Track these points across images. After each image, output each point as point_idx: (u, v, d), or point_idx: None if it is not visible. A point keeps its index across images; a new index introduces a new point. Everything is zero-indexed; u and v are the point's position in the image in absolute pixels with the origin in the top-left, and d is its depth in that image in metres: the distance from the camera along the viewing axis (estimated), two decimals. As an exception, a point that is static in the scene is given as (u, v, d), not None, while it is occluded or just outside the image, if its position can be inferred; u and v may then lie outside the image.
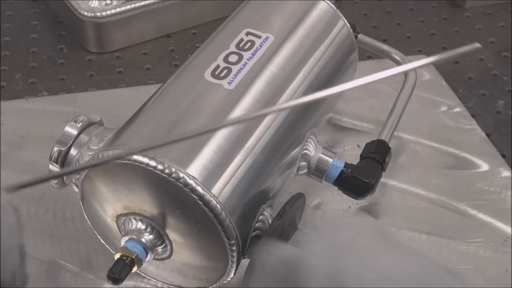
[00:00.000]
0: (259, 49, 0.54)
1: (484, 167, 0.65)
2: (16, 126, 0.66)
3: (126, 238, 0.47)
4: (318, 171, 0.54)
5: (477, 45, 0.31)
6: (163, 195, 0.45)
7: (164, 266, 0.50)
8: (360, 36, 0.66)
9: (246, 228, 0.47)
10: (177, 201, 0.45)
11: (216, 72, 0.51)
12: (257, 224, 0.48)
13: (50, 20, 0.86)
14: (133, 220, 0.47)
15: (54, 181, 0.51)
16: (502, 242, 0.58)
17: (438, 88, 0.74)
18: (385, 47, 0.68)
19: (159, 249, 0.47)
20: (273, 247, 0.36)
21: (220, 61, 0.52)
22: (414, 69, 0.66)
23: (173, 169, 0.44)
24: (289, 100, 0.52)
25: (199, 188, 0.44)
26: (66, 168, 0.44)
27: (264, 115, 0.49)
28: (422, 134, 0.68)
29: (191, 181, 0.44)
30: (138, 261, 0.46)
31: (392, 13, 0.90)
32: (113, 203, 0.48)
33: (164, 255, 0.48)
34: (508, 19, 0.89)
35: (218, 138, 0.47)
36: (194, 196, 0.44)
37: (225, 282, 0.48)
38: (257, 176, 0.48)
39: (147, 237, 0.47)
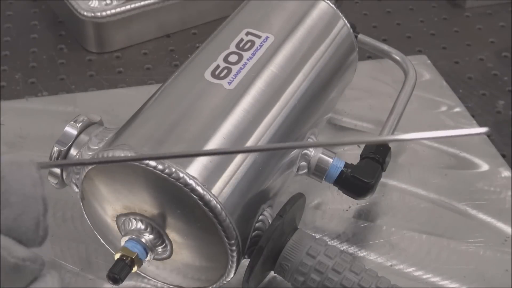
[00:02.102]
0: (259, 49, 0.54)
1: (484, 167, 0.65)
2: (16, 126, 0.66)
3: (126, 238, 0.47)
4: (318, 171, 0.54)
5: (485, 129, 0.32)
6: (163, 195, 0.45)
7: (164, 266, 0.50)
8: (360, 36, 0.66)
9: (246, 228, 0.48)
10: (177, 201, 0.45)
11: (216, 72, 0.51)
12: (257, 224, 0.48)
13: (50, 20, 0.86)
14: (133, 220, 0.47)
15: (54, 181, 0.51)
16: (502, 242, 0.58)
17: (438, 88, 0.74)
18: (385, 47, 0.68)
19: (159, 249, 0.47)
20: None
21: (220, 61, 0.52)
22: (415, 74, 0.66)
23: (173, 169, 0.44)
24: (283, 108, 0.52)
25: (199, 188, 0.44)
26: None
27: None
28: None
29: (191, 181, 0.44)
30: (138, 261, 0.46)
31: (392, 13, 0.90)
32: (113, 203, 0.48)
33: (164, 255, 0.48)
34: (508, 19, 0.89)
35: (218, 138, 0.47)
36: (194, 196, 0.44)
37: (225, 282, 0.48)
38: (257, 176, 0.48)
39: (147, 237, 0.47)
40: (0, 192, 0.29)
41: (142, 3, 0.79)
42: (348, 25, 0.61)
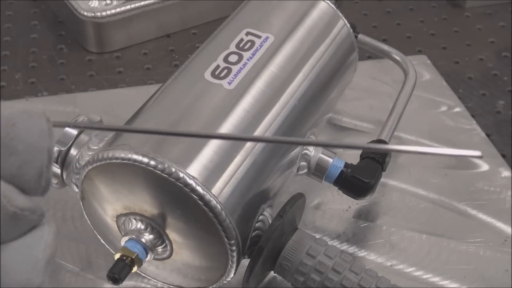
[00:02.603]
0: (259, 49, 0.54)
1: (484, 167, 0.65)
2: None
3: (126, 238, 0.47)
4: (318, 171, 0.54)
5: (478, 153, 0.32)
6: (163, 195, 0.45)
7: (164, 266, 0.50)
8: (360, 36, 0.66)
9: (246, 228, 0.48)
10: (177, 201, 0.45)
11: (216, 72, 0.51)
12: (257, 224, 0.48)
13: (50, 20, 0.86)
14: (133, 220, 0.47)
15: (54, 181, 0.51)
16: (502, 242, 0.58)
17: (438, 88, 0.74)
18: (385, 47, 0.68)
19: (159, 249, 0.47)
20: None
21: (220, 61, 0.52)
22: (415, 74, 0.66)
23: (173, 169, 0.44)
24: (283, 107, 0.52)
25: (199, 188, 0.44)
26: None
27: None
28: (422, 134, 0.68)
29: (191, 181, 0.44)
30: (138, 261, 0.46)
31: (392, 13, 0.90)
32: (113, 203, 0.48)
33: (164, 255, 0.48)
34: (508, 19, 0.89)
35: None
36: (194, 196, 0.44)
37: (225, 282, 0.48)
38: (257, 176, 0.48)
39: (147, 237, 0.47)
40: (10, 138, 0.30)
41: (142, 3, 0.79)
42: (348, 25, 0.61)
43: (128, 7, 0.79)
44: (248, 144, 0.48)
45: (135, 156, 0.44)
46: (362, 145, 0.39)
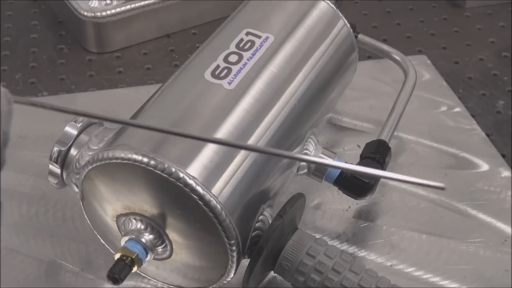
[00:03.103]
0: (259, 49, 0.54)
1: (484, 167, 0.65)
2: (16, 126, 0.66)
3: (126, 238, 0.47)
4: (318, 171, 0.54)
5: (440, 185, 0.34)
6: (163, 195, 0.45)
7: (164, 266, 0.50)
8: (360, 36, 0.66)
9: (246, 228, 0.48)
10: (177, 201, 0.45)
11: (216, 72, 0.51)
12: (257, 224, 0.48)
13: (50, 20, 0.86)
14: (133, 220, 0.47)
15: (54, 181, 0.51)
16: (502, 242, 0.58)
17: (438, 88, 0.74)
18: (385, 47, 0.68)
19: (159, 249, 0.47)
20: None
21: (220, 61, 0.52)
22: (415, 74, 0.66)
23: (173, 169, 0.44)
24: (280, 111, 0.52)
25: (199, 188, 0.44)
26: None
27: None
28: (422, 134, 0.68)
29: (191, 181, 0.44)
30: (138, 261, 0.46)
31: (392, 13, 0.90)
32: (113, 203, 0.48)
33: (164, 255, 0.48)
34: (508, 19, 0.89)
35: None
36: (194, 196, 0.44)
37: (225, 282, 0.48)
38: (257, 176, 0.48)
39: (147, 237, 0.47)
40: None
41: (142, 3, 0.79)
42: (348, 25, 0.61)
43: (128, 7, 0.79)
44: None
45: (135, 156, 0.44)
46: (344, 165, 0.40)
